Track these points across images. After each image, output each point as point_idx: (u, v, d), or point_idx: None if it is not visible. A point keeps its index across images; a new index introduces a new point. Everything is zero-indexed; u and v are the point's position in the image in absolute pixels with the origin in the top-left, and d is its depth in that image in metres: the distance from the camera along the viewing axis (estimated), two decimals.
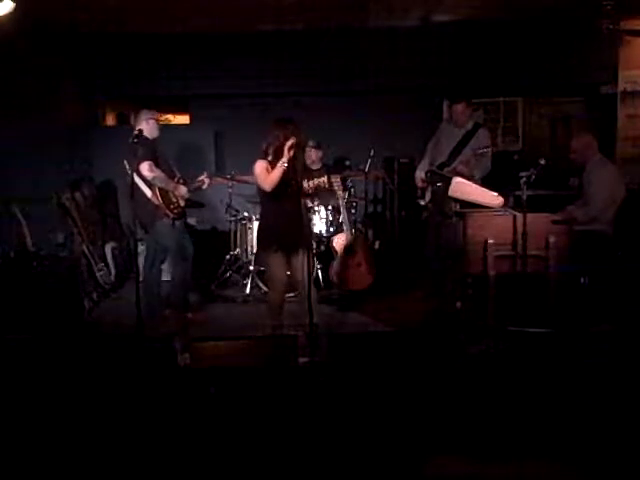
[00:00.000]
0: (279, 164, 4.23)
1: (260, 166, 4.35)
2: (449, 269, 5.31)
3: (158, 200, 5.09)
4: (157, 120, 5.38)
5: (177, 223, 5.24)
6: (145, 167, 5.01)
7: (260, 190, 4.44)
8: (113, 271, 6.46)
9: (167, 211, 5.13)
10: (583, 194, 5.27)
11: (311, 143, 6.11)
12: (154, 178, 5.07)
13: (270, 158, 4.34)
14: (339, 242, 5.85)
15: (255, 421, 3.49)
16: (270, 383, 4.00)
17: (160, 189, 5.11)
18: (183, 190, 5.27)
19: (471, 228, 4.46)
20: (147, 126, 5.22)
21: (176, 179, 5.31)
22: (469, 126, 5.75)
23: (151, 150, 5.13)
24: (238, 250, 6.60)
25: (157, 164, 5.14)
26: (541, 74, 7.34)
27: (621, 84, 7.07)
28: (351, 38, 7.25)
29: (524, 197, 4.30)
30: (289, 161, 4.23)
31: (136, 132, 4.47)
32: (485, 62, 7.35)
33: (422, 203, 5.94)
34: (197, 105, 8.02)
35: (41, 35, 6.27)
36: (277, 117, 4.42)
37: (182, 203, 5.28)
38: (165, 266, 5.69)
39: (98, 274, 6.11)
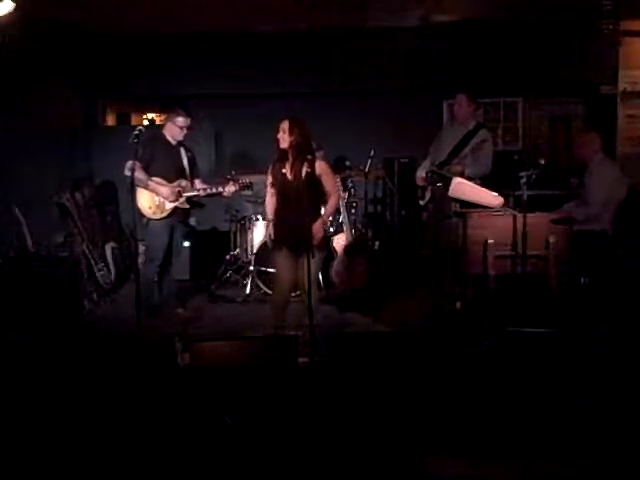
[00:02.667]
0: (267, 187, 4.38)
1: None
2: (449, 269, 5.31)
3: (135, 200, 5.09)
4: (181, 127, 5.30)
5: (151, 223, 5.21)
6: (126, 165, 5.01)
7: None
8: (113, 271, 6.45)
9: (143, 211, 5.17)
10: (583, 193, 5.27)
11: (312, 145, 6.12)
12: (133, 178, 5.07)
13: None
14: (339, 242, 5.86)
15: (255, 421, 3.49)
16: (270, 383, 4.00)
17: (141, 190, 5.13)
18: (164, 192, 5.18)
19: (471, 228, 4.46)
20: (169, 127, 5.29)
21: (176, 183, 5.24)
22: (470, 126, 5.74)
23: (150, 149, 5.11)
24: (238, 250, 6.61)
25: (149, 164, 5.13)
26: (541, 74, 7.34)
27: (621, 84, 7.08)
28: (351, 38, 7.26)
29: (524, 197, 4.30)
30: (277, 165, 4.29)
31: (136, 132, 4.46)
32: (485, 62, 7.35)
33: (422, 203, 5.94)
34: (197, 105, 8.02)
35: (41, 35, 6.27)
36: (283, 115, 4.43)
37: (168, 206, 5.21)
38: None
39: (98, 274, 6.11)
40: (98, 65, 7.45)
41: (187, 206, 5.34)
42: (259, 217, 6.46)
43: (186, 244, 6.84)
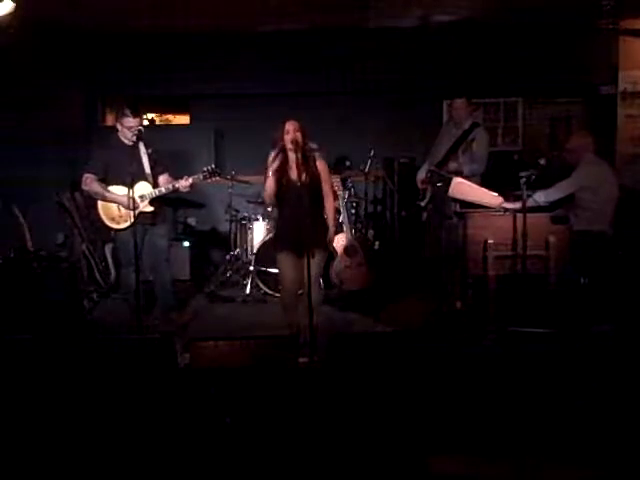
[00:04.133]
0: (267, 175, 4.28)
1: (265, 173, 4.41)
2: (449, 269, 5.31)
3: (98, 213, 5.07)
4: (130, 128, 4.87)
5: (122, 233, 5.01)
6: (82, 180, 4.99)
7: None
8: (113, 271, 6.45)
9: (106, 223, 5.06)
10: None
11: (313, 146, 6.13)
12: (89, 192, 5.03)
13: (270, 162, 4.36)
14: (339, 242, 5.85)
15: (255, 421, 3.49)
16: (270, 383, 4.00)
17: (101, 203, 5.03)
18: (123, 200, 4.88)
19: (471, 228, 4.46)
20: (120, 130, 4.98)
21: (136, 187, 4.88)
22: (466, 125, 5.74)
23: (105, 157, 4.98)
24: (238, 250, 6.61)
25: (107, 172, 4.96)
26: (541, 74, 7.34)
27: (621, 84, 7.08)
28: (351, 38, 7.26)
29: (524, 197, 4.30)
30: (280, 166, 4.26)
31: (136, 132, 4.46)
32: (485, 62, 7.35)
33: (422, 204, 5.94)
34: (197, 105, 8.02)
35: (41, 35, 6.27)
36: (283, 116, 4.41)
37: (131, 213, 4.86)
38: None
39: (98, 274, 6.11)
40: (98, 65, 7.45)
41: (151, 208, 5.02)
42: (259, 217, 6.46)
43: (186, 244, 6.84)
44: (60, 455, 3.21)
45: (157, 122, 8.93)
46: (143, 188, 5.02)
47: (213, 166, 5.08)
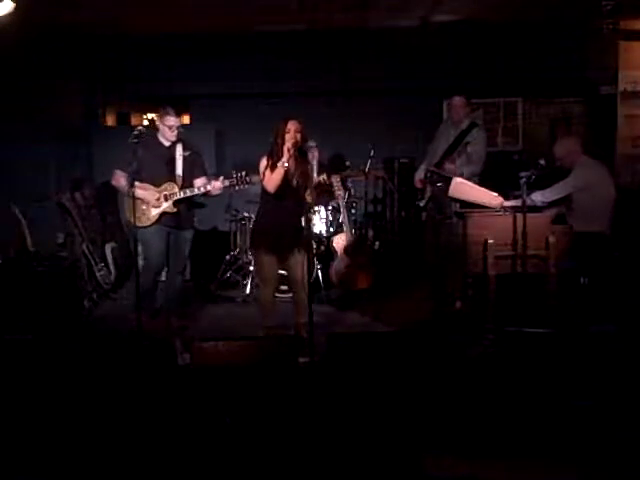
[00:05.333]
0: (279, 164, 4.22)
1: (262, 164, 4.37)
2: (449, 269, 5.32)
3: (124, 209, 5.03)
4: (170, 127, 4.89)
5: (140, 231, 4.91)
6: (112, 176, 4.95)
7: (263, 187, 4.43)
8: (113, 271, 6.45)
9: (131, 219, 4.89)
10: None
11: (312, 144, 6.13)
12: (116, 187, 4.99)
13: (271, 155, 4.35)
14: (339, 242, 5.85)
15: (255, 421, 3.50)
16: (270, 383, 4.00)
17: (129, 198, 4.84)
18: (147, 196, 4.88)
19: (471, 228, 4.46)
20: (160, 128, 4.97)
21: (163, 187, 4.92)
22: (464, 125, 5.74)
23: (140, 154, 4.72)
24: (238, 250, 6.61)
25: (140, 169, 4.75)
26: (541, 74, 7.34)
27: (621, 84, 7.06)
28: (351, 38, 7.26)
29: (524, 197, 4.30)
30: (288, 160, 4.25)
31: (136, 132, 4.45)
32: (485, 62, 7.35)
33: (421, 204, 5.94)
34: (197, 105, 8.03)
35: (41, 35, 6.27)
36: (284, 115, 4.39)
37: (153, 212, 4.89)
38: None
39: (98, 274, 6.11)
40: (98, 65, 7.45)
41: (175, 210, 4.94)
42: None
43: None
44: (60, 454, 3.22)
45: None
46: (167, 189, 4.95)
47: (244, 173, 4.80)
